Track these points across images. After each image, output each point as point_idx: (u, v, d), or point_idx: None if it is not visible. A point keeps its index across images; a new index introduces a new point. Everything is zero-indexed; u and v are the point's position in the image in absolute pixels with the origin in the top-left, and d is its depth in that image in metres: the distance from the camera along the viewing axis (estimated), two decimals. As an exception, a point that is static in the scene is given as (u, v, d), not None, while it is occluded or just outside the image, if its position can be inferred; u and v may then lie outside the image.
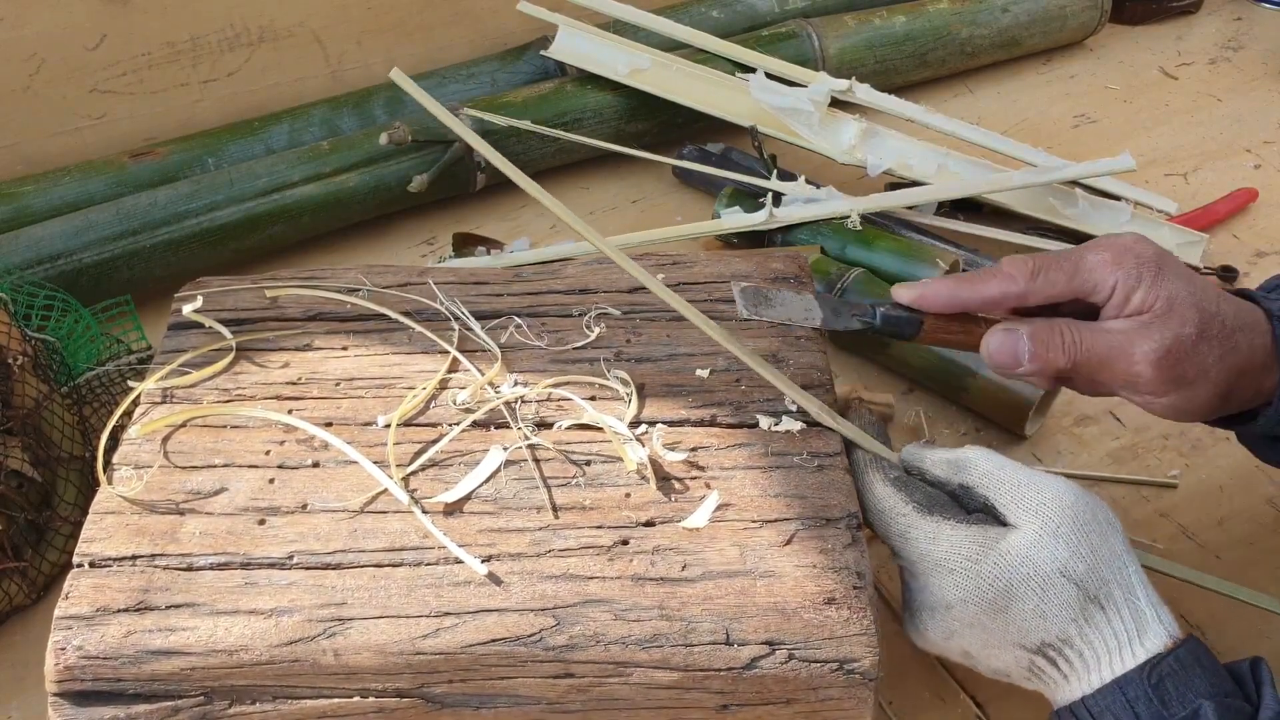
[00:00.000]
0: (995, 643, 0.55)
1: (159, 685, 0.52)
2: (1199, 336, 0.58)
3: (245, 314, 0.68)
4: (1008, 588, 0.53)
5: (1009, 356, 0.60)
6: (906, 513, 0.57)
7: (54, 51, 1.00)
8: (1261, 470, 0.80)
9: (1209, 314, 0.58)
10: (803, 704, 0.53)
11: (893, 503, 0.57)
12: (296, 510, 0.57)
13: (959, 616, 0.55)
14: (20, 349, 0.71)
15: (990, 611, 0.54)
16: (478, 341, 0.67)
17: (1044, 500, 0.54)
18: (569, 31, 1.07)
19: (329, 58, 1.12)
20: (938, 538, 0.55)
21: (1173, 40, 1.32)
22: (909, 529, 0.56)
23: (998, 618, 0.54)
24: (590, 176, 1.10)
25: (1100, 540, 0.54)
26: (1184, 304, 0.58)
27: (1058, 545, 0.53)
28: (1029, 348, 0.59)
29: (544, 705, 0.54)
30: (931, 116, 1.04)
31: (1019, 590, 0.53)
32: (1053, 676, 0.54)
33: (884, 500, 0.58)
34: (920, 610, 0.57)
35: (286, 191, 0.97)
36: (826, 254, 0.93)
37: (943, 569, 0.55)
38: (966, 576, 0.54)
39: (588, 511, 0.57)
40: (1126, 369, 0.58)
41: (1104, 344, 0.58)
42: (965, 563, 0.54)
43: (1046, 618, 0.53)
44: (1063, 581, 0.53)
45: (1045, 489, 0.55)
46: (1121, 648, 0.52)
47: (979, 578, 0.54)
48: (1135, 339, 0.58)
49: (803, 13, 1.20)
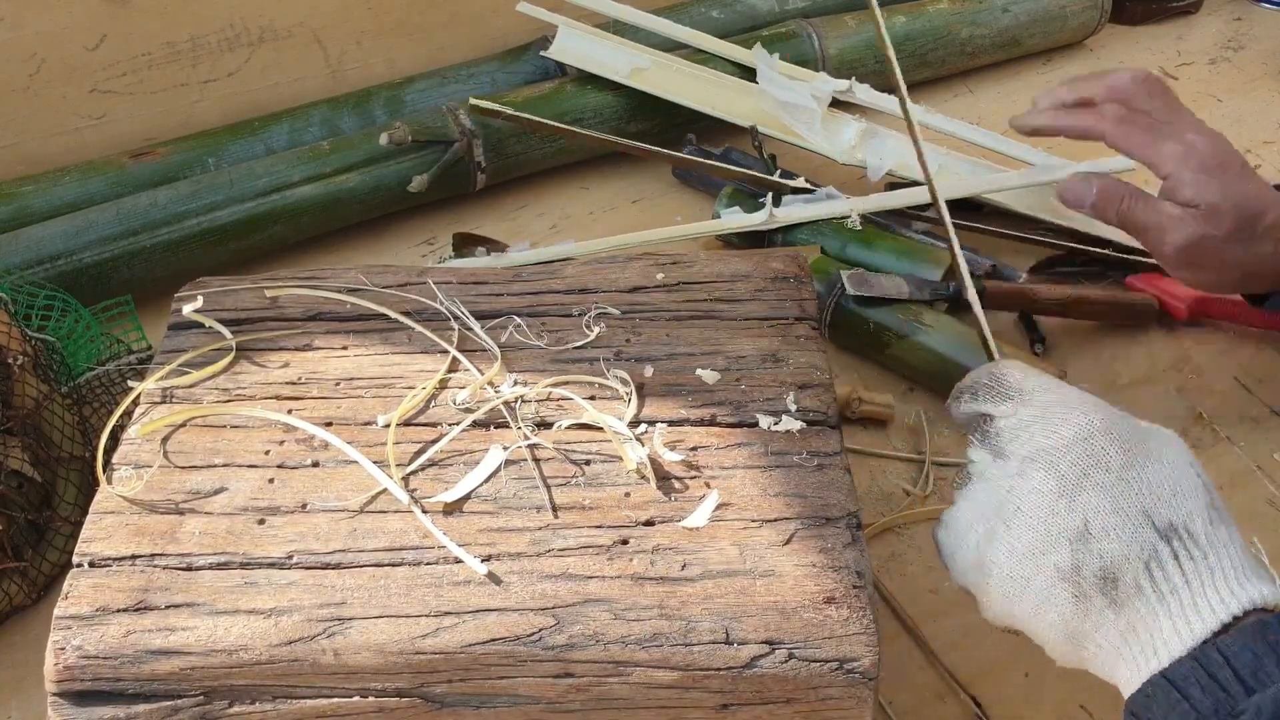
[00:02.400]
0: (1125, 504, 0.48)
1: (159, 685, 0.52)
2: (1225, 239, 0.69)
3: (245, 314, 0.68)
4: (1146, 443, 0.50)
5: (1076, 198, 0.75)
6: (1052, 375, 0.56)
7: (54, 51, 1.00)
8: (1261, 470, 0.80)
9: (1244, 223, 0.69)
10: (803, 703, 0.53)
11: (1034, 369, 0.56)
12: (296, 510, 0.57)
13: (1097, 451, 0.49)
14: (20, 349, 0.71)
15: (1127, 454, 0.49)
16: (477, 341, 0.67)
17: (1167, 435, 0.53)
18: (569, 32, 1.07)
19: (329, 58, 1.12)
20: (1085, 394, 0.53)
21: (1173, 40, 1.32)
22: (1055, 381, 0.54)
23: (1133, 469, 0.49)
24: (590, 176, 1.10)
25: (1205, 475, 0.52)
26: (1224, 211, 0.69)
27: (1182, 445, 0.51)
28: (1094, 199, 0.74)
29: (544, 705, 0.54)
30: (931, 116, 1.04)
31: (1158, 451, 0.50)
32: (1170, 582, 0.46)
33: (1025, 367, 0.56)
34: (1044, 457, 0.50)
35: (286, 191, 0.97)
36: (826, 254, 0.93)
37: (1088, 404, 0.51)
38: (1111, 414, 0.51)
39: (587, 511, 0.57)
40: (1156, 244, 0.72)
41: (1148, 220, 0.71)
42: (1111, 410, 0.52)
43: (1179, 494, 0.48)
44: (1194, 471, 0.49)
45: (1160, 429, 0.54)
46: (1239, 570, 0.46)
47: (1124, 420, 0.51)
48: (1170, 227, 0.70)
49: (803, 13, 1.20)
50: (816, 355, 0.66)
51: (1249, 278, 0.73)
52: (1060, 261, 0.97)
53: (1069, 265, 0.97)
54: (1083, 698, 0.67)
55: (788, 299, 0.70)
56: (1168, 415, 0.85)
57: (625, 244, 0.93)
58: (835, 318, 0.88)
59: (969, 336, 0.84)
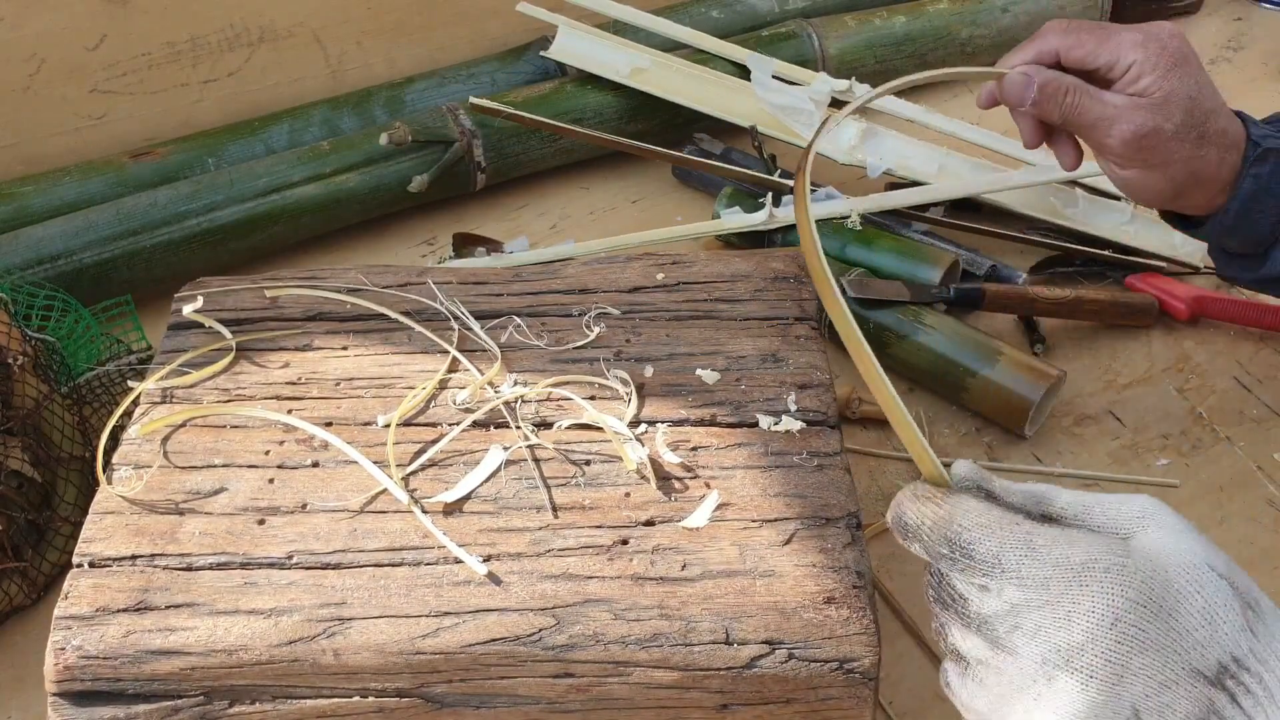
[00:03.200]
0: (1172, 675, 0.42)
1: (159, 685, 0.52)
2: (1173, 135, 0.66)
3: (245, 314, 0.68)
4: (1168, 581, 0.43)
5: (1017, 95, 0.69)
6: (1020, 521, 0.46)
7: (54, 51, 1.00)
8: (1261, 470, 0.80)
9: (1194, 119, 0.66)
10: (802, 703, 0.53)
11: (1001, 513, 0.46)
12: (296, 510, 0.57)
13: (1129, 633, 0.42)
14: (20, 349, 0.71)
15: (1160, 615, 0.42)
16: (478, 341, 0.67)
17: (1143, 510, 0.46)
18: (569, 32, 1.07)
19: (329, 58, 1.12)
20: (1073, 540, 0.44)
21: (1173, 40, 1.32)
22: (1033, 536, 0.44)
23: (1170, 625, 0.42)
24: (590, 176, 1.10)
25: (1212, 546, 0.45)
26: (1177, 102, 0.66)
27: (1185, 539, 0.44)
28: (1035, 95, 0.68)
29: (544, 705, 0.54)
30: (931, 116, 1.04)
31: (1181, 584, 0.43)
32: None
33: (990, 513, 0.46)
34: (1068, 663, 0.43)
35: (286, 191, 0.97)
36: (827, 254, 0.93)
37: (1094, 571, 0.43)
38: (1124, 572, 0.43)
39: (587, 511, 0.58)
40: (1101, 136, 0.67)
41: (1095, 112, 0.67)
42: (1117, 558, 0.43)
43: (1216, 622, 0.42)
44: (1214, 576, 0.43)
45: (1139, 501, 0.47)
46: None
47: (1137, 571, 0.43)
48: (1119, 117, 0.67)
49: (803, 13, 1.20)
50: (816, 355, 0.66)
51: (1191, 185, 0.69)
52: (1060, 262, 0.97)
53: (1069, 265, 0.97)
54: (1083, 698, 0.67)
55: (788, 299, 0.70)
56: (1168, 415, 0.85)
57: (625, 244, 0.93)
58: (835, 318, 0.88)
59: (970, 337, 0.84)
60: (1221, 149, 0.68)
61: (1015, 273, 0.94)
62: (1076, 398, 0.86)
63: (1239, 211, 0.69)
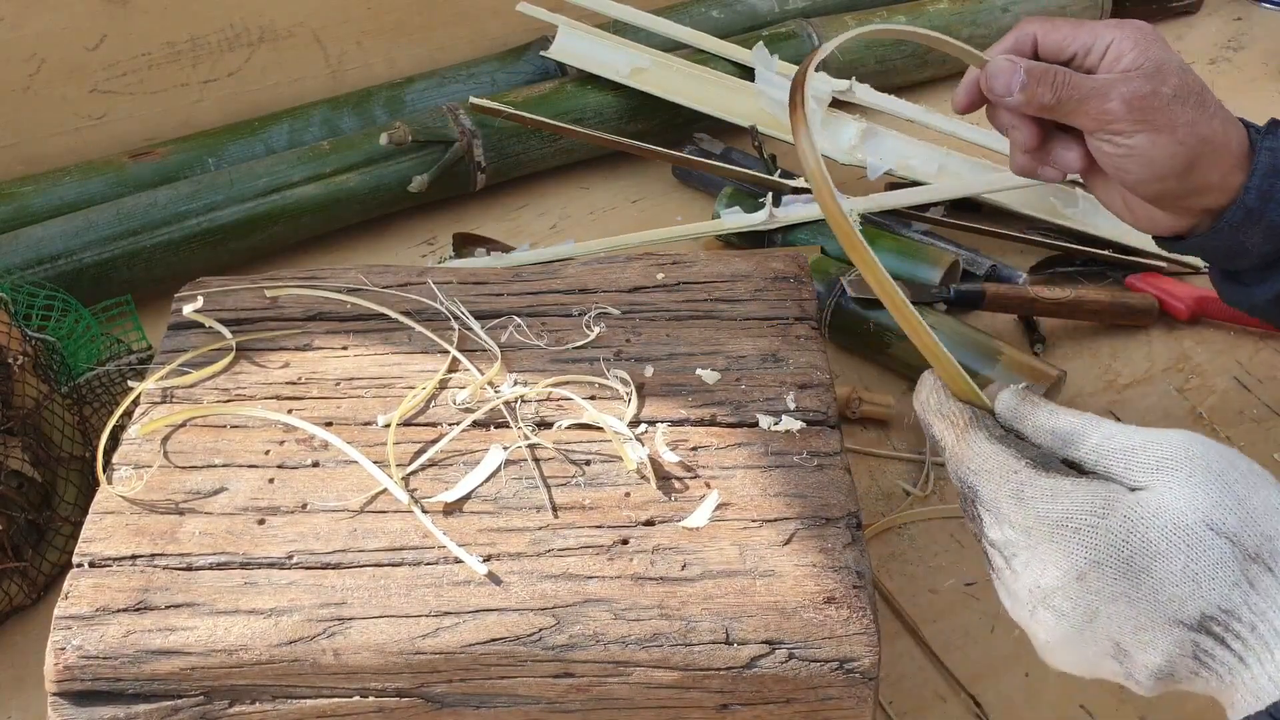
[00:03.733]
0: (1147, 620, 0.45)
1: (159, 685, 0.52)
2: (1174, 97, 0.62)
3: (245, 314, 0.68)
4: (1145, 545, 0.45)
5: (1004, 82, 0.65)
6: (1019, 469, 0.49)
7: (54, 51, 1.00)
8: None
9: (1190, 86, 0.63)
10: (802, 703, 0.53)
11: (1002, 459, 0.50)
12: (296, 510, 0.57)
13: (1094, 586, 0.46)
14: (20, 349, 0.71)
15: (1130, 576, 0.45)
16: (478, 341, 0.67)
17: (1169, 454, 0.47)
18: (569, 31, 1.07)
19: (329, 58, 1.12)
20: (1056, 494, 0.47)
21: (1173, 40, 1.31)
22: (1023, 487, 0.48)
23: (1141, 585, 0.45)
24: (590, 176, 1.10)
25: (1249, 490, 0.46)
26: (1169, 69, 0.63)
27: (1195, 494, 0.45)
28: (1022, 79, 0.64)
29: (544, 705, 0.54)
30: (931, 116, 1.04)
31: (1160, 548, 0.45)
32: (1224, 663, 0.45)
33: (992, 458, 0.50)
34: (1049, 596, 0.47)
35: (286, 191, 0.97)
36: (826, 254, 0.93)
37: (1066, 530, 0.47)
38: (1095, 533, 0.46)
39: (588, 511, 0.58)
40: (1100, 106, 0.63)
41: (1088, 85, 0.63)
42: (1091, 518, 0.46)
43: (1200, 581, 0.44)
44: (1210, 535, 0.45)
45: (1168, 444, 0.48)
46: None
47: (1109, 532, 0.46)
48: (1116, 82, 0.63)
49: (803, 13, 1.20)
50: (816, 355, 0.66)
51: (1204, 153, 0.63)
52: (1060, 262, 0.97)
53: (1069, 265, 0.97)
54: (1083, 698, 0.67)
55: (788, 299, 0.70)
56: (1168, 415, 0.85)
57: (625, 244, 0.93)
58: (835, 318, 0.88)
59: (970, 336, 0.84)
60: (1225, 121, 0.63)
61: (1015, 273, 0.94)
62: (1076, 398, 0.86)
63: (1260, 189, 0.63)
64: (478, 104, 0.99)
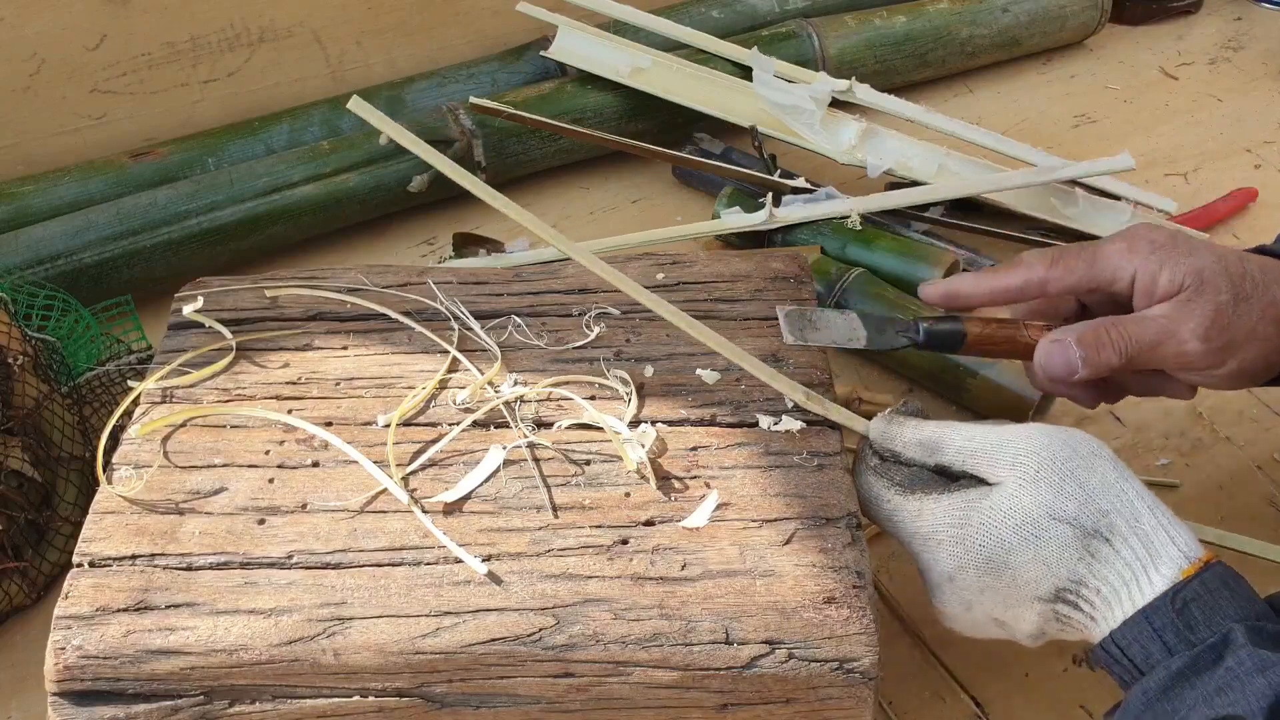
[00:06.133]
0: (1013, 601, 0.54)
1: (159, 685, 0.52)
2: (1236, 299, 0.59)
3: (245, 314, 0.68)
4: (999, 544, 0.53)
5: (1062, 364, 0.60)
6: (889, 497, 0.57)
7: (54, 51, 1.00)
8: (1262, 470, 0.80)
9: (1239, 275, 0.59)
10: (802, 703, 0.53)
11: (876, 489, 0.58)
12: (296, 510, 0.57)
13: (964, 585, 0.55)
14: (20, 349, 0.71)
15: (991, 572, 0.53)
16: (478, 341, 0.67)
17: (1017, 451, 0.54)
18: (569, 32, 1.07)
19: (329, 58, 1.12)
20: (921, 514, 0.55)
21: (1173, 40, 1.32)
22: (894, 512, 0.57)
23: (1001, 576, 0.53)
24: (590, 177, 1.10)
25: (1087, 473, 0.53)
26: (1212, 273, 0.59)
27: (1039, 489, 0.52)
28: (1080, 352, 0.59)
29: (544, 705, 0.54)
30: (931, 116, 1.04)
31: (1011, 543, 0.52)
32: (1080, 622, 0.53)
33: (868, 489, 0.58)
34: (933, 591, 0.57)
35: (286, 191, 0.97)
36: (826, 254, 0.93)
37: (933, 543, 0.55)
38: (956, 544, 0.54)
39: (587, 511, 0.58)
40: (1177, 350, 0.59)
41: (1151, 331, 0.59)
42: (951, 530, 0.54)
43: (1049, 564, 0.52)
44: (1053, 524, 0.52)
45: (1017, 440, 0.54)
46: (1137, 577, 0.51)
47: (966, 542, 0.54)
48: (1178, 319, 0.59)
49: (803, 13, 1.20)
50: (816, 355, 0.66)
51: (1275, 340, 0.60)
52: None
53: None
54: (1083, 697, 0.67)
55: (788, 299, 0.70)
56: (1168, 415, 0.85)
57: (625, 244, 0.93)
58: (835, 318, 0.88)
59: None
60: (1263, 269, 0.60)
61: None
62: (1076, 398, 0.86)
63: None
64: (478, 104, 0.99)
